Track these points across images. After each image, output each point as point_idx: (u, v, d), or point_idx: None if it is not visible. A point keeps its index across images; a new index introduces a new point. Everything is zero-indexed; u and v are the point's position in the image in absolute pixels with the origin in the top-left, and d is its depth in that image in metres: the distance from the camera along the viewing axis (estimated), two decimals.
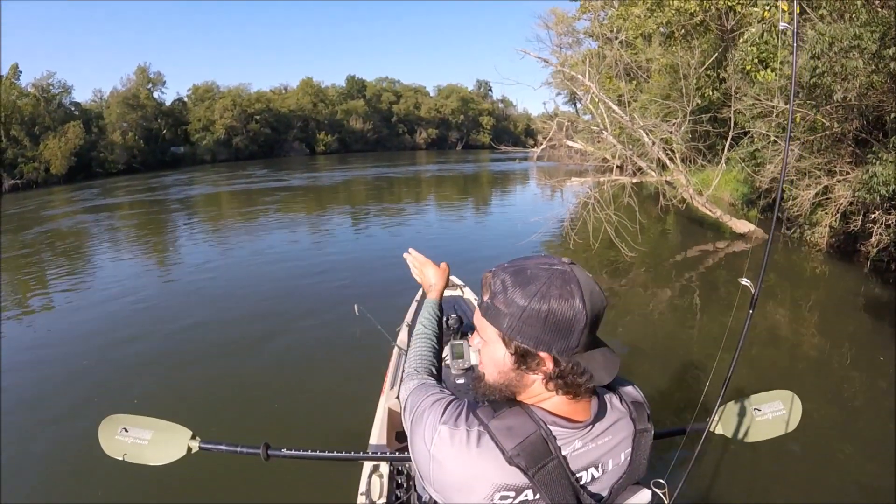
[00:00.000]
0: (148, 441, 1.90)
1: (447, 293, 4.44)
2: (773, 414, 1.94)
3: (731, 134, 9.81)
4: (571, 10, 24.15)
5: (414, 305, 4.32)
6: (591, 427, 1.02)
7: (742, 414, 1.92)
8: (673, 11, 13.17)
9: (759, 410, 1.94)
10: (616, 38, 13.55)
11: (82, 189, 31.41)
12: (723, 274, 8.38)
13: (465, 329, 3.29)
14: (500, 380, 1.02)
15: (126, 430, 1.91)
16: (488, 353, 1.03)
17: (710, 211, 9.94)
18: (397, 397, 2.77)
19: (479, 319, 1.04)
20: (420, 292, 4.55)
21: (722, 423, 1.88)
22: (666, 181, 10.05)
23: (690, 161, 10.15)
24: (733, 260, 8.98)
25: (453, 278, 4.70)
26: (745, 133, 10.18)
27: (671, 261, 9.39)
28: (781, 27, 2.90)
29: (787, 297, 7.25)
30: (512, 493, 0.96)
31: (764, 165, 9.67)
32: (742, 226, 9.80)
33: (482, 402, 1.05)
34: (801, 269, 8.37)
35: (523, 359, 0.98)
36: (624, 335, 5.98)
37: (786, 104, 8.86)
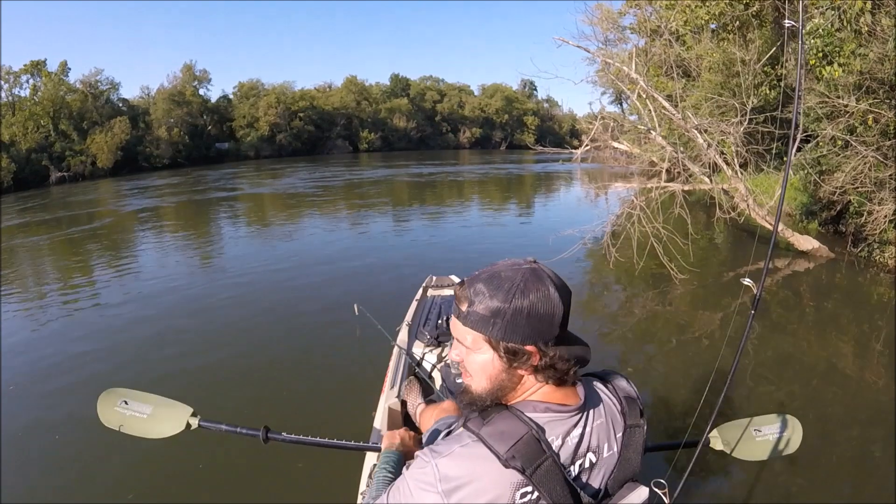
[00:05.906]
0: (147, 415, 1.90)
1: (447, 293, 4.62)
2: (772, 436, 1.94)
3: (798, 136, 8.62)
4: (617, 5, 23.34)
5: (414, 305, 4.28)
6: (585, 412, 1.06)
7: (740, 433, 1.90)
8: (726, 2, 12.17)
9: (759, 431, 1.94)
10: (665, 31, 12.55)
11: (127, 182, 32.19)
12: (780, 297, 7.37)
13: None
14: (489, 385, 1.03)
15: (126, 403, 1.92)
16: (474, 361, 1.04)
17: (769, 224, 8.79)
18: (397, 397, 2.89)
19: (459, 330, 1.04)
20: (420, 291, 4.60)
21: (719, 440, 1.87)
22: (722, 189, 8.99)
23: (747, 166, 9.06)
24: (792, 281, 7.93)
25: (453, 277, 4.88)
26: (810, 136, 9.11)
27: (723, 279, 8.36)
28: (787, 24, 2.58)
29: (850, 325, 6.37)
30: (529, 488, 0.96)
31: (831, 173, 8.61)
32: (805, 242, 8.61)
33: (468, 416, 1.04)
34: (867, 294, 7.38)
35: (514, 356, 1.00)
36: (674, 356, 5.66)
37: (857, 103, 7.91)
